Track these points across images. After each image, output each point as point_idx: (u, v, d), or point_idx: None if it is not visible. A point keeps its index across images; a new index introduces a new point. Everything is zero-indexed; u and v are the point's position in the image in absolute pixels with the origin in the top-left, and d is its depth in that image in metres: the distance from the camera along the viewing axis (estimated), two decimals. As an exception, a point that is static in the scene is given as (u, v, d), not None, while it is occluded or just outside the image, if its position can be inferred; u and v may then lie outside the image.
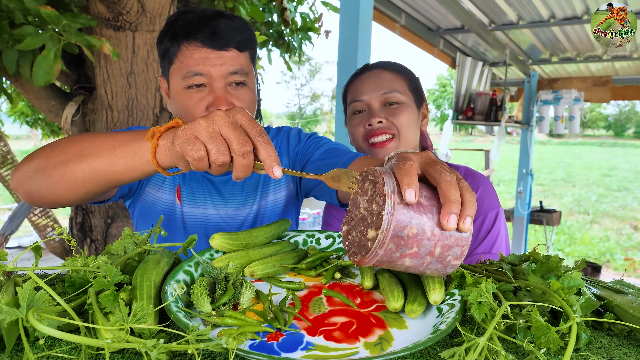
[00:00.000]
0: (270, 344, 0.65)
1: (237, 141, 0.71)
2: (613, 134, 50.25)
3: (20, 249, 6.65)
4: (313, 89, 44.65)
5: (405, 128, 1.38)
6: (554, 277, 0.72)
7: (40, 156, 0.92)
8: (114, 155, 0.83)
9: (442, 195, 0.63)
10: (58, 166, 0.88)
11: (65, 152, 0.88)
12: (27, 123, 5.26)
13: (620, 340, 0.69)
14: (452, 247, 0.64)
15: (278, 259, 0.90)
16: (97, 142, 0.86)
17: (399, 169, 0.65)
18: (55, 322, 0.59)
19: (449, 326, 0.64)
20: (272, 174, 0.71)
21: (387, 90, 1.39)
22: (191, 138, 0.72)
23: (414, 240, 0.63)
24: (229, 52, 1.15)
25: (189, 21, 1.14)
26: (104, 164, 0.84)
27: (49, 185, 0.91)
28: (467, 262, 1.28)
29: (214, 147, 0.71)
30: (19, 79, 2.23)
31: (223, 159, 0.72)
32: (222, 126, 0.71)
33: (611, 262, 8.17)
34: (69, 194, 0.91)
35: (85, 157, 0.85)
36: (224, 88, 1.15)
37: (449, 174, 0.64)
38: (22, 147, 19.34)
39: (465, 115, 5.66)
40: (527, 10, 4.48)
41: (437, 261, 0.66)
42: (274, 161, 0.71)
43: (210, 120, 0.72)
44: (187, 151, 0.71)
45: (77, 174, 0.86)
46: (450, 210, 0.62)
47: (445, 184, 0.63)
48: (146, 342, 0.52)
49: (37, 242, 0.73)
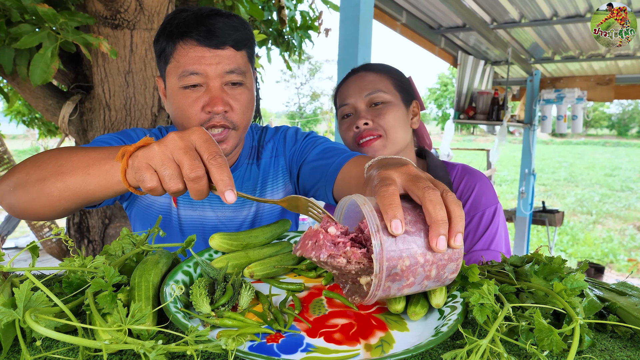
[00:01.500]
0: (270, 345, 0.65)
1: (187, 166, 0.70)
2: (616, 133, 50.05)
3: (17, 249, 6.63)
4: (313, 88, 44.53)
5: (391, 127, 1.39)
6: (556, 278, 0.72)
7: (20, 171, 0.93)
8: (87, 174, 0.84)
9: (427, 217, 0.62)
10: (36, 183, 0.89)
11: (43, 168, 0.89)
12: (24, 122, 5.24)
13: (623, 342, 0.68)
14: (446, 265, 0.65)
15: (278, 259, 0.89)
16: (73, 160, 0.87)
17: (380, 197, 0.63)
18: (53, 323, 0.59)
19: (450, 328, 0.63)
20: (224, 198, 0.70)
21: (370, 91, 1.42)
22: (143, 166, 0.72)
23: (409, 272, 0.63)
24: (225, 51, 1.13)
25: (185, 20, 1.13)
26: (78, 183, 0.85)
27: (28, 201, 0.92)
28: (466, 260, 1.28)
29: (166, 174, 0.71)
30: (15, 78, 2.22)
31: (176, 186, 0.72)
32: (174, 150, 0.71)
33: (614, 263, 8.13)
34: (48, 210, 0.92)
35: (60, 174, 0.86)
36: (220, 87, 1.13)
37: (433, 191, 0.63)
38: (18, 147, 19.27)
39: (466, 114, 5.64)
40: (530, 9, 4.46)
41: (434, 281, 0.66)
42: (227, 186, 0.70)
43: (163, 145, 0.71)
44: (140, 181, 0.72)
45: (54, 192, 0.87)
46: (438, 232, 0.61)
47: (430, 203, 0.62)
48: (144, 344, 0.52)
49: (34, 242, 0.73)
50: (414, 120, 1.49)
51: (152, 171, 0.72)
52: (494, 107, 5.54)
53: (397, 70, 1.50)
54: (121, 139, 1.22)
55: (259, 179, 1.33)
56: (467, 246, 1.35)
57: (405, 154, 1.44)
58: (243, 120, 1.18)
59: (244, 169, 1.32)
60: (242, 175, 1.32)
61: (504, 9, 4.49)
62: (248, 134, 1.36)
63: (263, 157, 1.35)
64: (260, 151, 1.36)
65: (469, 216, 1.37)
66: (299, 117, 41.29)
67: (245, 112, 1.18)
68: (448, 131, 6.38)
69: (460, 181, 1.42)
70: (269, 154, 1.36)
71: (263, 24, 3.47)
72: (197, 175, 0.70)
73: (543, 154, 28.91)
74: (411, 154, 1.48)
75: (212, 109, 1.12)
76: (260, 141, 1.38)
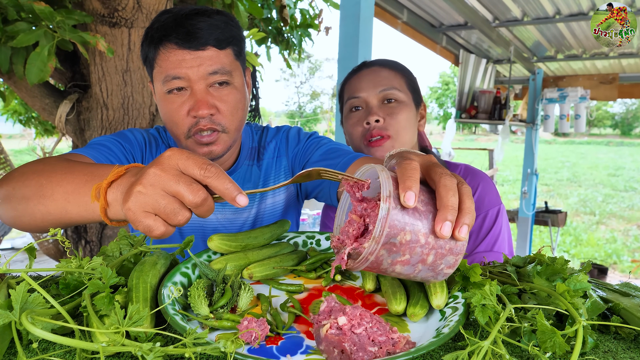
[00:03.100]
0: (270, 347, 0.64)
1: (187, 193, 0.65)
2: (620, 132, 49.67)
3: (13, 250, 6.61)
4: (313, 87, 44.30)
5: (402, 128, 1.37)
6: (559, 279, 0.71)
7: (7, 184, 0.90)
8: (67, 202, 0.80)
9: (439, 200, 0.61)
10: (21, 201, 0.86)
11: (27, 185, 0.86)
12: (20, 122, 5.21)
13: (627, 344, 0.68)
14: (445, 255, 0.63)
15: (277, 260, 0.89)
16: (53, 181, 0.83)
17: (402, 169, 0.63)
18: (49, 325, 0.58)
19: (452, 330, 0.63)
20: (237, 204, 0.66)
21: (385, 87, 1.38)
22: (141, 216, 0.66)
23: (407, 248, 0.62)
24: (207, 52, 1.09)
25: (164, 23, 1.10)
26: (58, 210, 0.81)
27: (14, 217, 0.90)
28: (469, 261, 1.27)
29: (169, 211, 0.66)
30: (11, 77, 2.21)
31: (184, 218, 0.67)
32: (165, 185, 0.65)
33: (618, 264, 8.09)
34: (34, 228, 0.90)
35: (41, 197, 0.83)
36: (205, 90, 1.11)
37: (450, 178, 0.63)
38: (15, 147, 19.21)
39: (468, 113, 5.63)
40: (532, 7, 4.44)
41: (428, 269, 0.65)
42: (234, 192, 0.66)
43: (149, 185, 0.65)
44: (147, 232, 0.67)
45: (36, 214, 0.85)
46: (445, 217, 0.60)
47: (444, 188, 0.61)
48: (142, 346, 0.51)
49: (31, 243, 0.72)
50: (421, 123, 1.48)
51: (153, 217, 0.66)
52: (496, 106, 5.53)
53: (409, 70, 1.48)
54: (118, 140, 1.21)
55: (260, 180, 1.32)
56: (470, 247, 1.34)
57: None
58: (233, 122, 1.15)
59: (244, 170, 1.31)
60: (243, 176, 1.31)
61: (506, 7, 4.47)
62: (248, 135, 1.35)
63: (265, 158, 1.33)
64: (261, 152, 1.34)
65: None
66: (299, 117, 41.16)
67: (235, 113, 1.15)
68: (450, 131, 6.36)
69: None
70: (271, 154, 1.34)
71: (262, 22, 3.45)
72: (202, 197, 0.66)
73: (546, 154, 28.78)
74: None
75: (197, 113, 1.09)
76: (261, 142, 1.36)
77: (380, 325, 0.62)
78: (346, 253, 0.66)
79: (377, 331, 0.61)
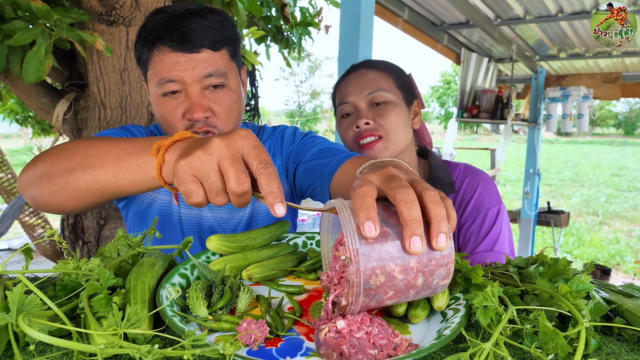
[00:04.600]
0: (269, 349, 0.64)
1: (233, 180, 0.65)
2: (623, 132, 49.13)
3: (10, 251, 6.59)
4: (313, 86, 44.00)
5: (393, 128, 1.37)
6: (562, 280, 0.71)
7: (45, 161, 0.90)
8: (118, 168, 0.80)
9: (400, 218, 0.58)
10: (62, 174, 0.85)
11: (69, 159, 0.85)
12: (17, 121, 5.20)
13: (630, 345, 0.67)
14: (434, 271, 0.61)
15: (277, 261, 0.88)
16: (102, 151, 0.83)
17: (352, 199, 0.59)
18: (46, 327, 0.58)
19: (453, 331, 0.62)
20: (273, 212, 0.65)
21: (372, 89, 1.39)
22: (189, 179, 0.67)
23: (386, 287, 0.59)
24: (202, 54, 1.08)
25: (158, 24, 1.08)
26: (108, 177, 0.81)
27: (52, 193, 0.88)
28: (469, 261, 1.27)
29: (212, 188, 0.67)
30: (8, 76, 2.20)
31: (222, 200, 0.68)
32: (220, 160, 0.66)
33: (621, 265, 8.06)
34: (72, 203, 0.89)
35: (89, 167, 0.82)
36: (200, 93, 1.10)
37: (404, 190, 0.58)
38: (11, 146, 19.19)
39: (470, 113, 5.60)
40: (534, 5, 4.43)
41: (423, 289, 0.62)
42: (276, 198, 0.65)
43: (209, 153, 0.66)
44: (186, 195, 0.68)
45: (81, 185, 0.84)
46: (412, 233, 0.57)
47: (400, 203, 0.58)
48: (140, 348, 0.51)
49: (28, 244, 0.72)
50: (415, 120, 1.47)
51: (198, 184, 0.67)
52: (498, 105, 5.49)
53: (399, 68, 1.48)
54: (124, 133, 1.21)
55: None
56: (470, 247, 1.34)
57: (406, 155, 1.42)
58: (228, 123, 1.15)
59: None
60: None
61: (508, 5, 4.46)
62: None
63: None
64: None
65: (471, 217, 1.35)
66: (299, 116, 41.01)
67: (230, 115, 1.15)
68: (451, 130, 6.34)
69: (462, 181, 1.41)
70: None
71: (262, 20, 3.44)
72: (243, 190, 0.66)
73: (548, 154, 28.61)
74: (412, 154, 1.47)
75: (192, 116, 1.09)
76: None
77: (381, 328, 0.61)
78: (330, 301, 0.65)
79: (378, 334, 0.60)
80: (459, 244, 1.38)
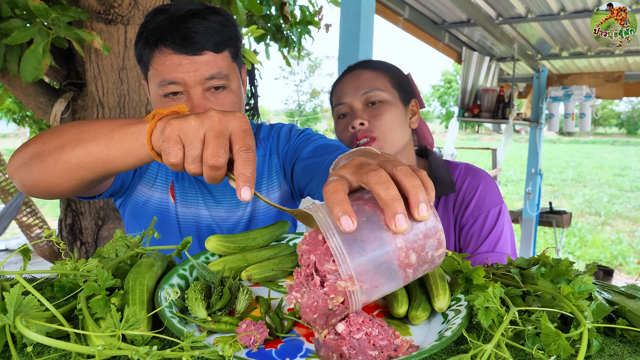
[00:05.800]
0: (269, 351, 0.63)
1: (211, 151, 0.67)
2: (625, 132, 48.59)
3: (7, 251, 6.56)
4: (313, 85, 43.82)
5: (388, 128, 1.36)
6: (564, 281, 0.71)
7: (37, 142, 0.90)
8: (110, 138, 0.80)
9: (378, 200, 0.57)
10: (53, 151, 0.86)
11: (62, 136, 0.86)
12: (15, 120, 5.19)
13: (633, 347, 0.67)
14: (424, 244, 0.58)
15: (276, 262, 0.88)
16: (96, 126, 0.84)
17: (324, 197, 0.59)
18: (44, 328, 0.58)
19: (454, 333, 0.62)
20: (239, 194, 0.65)
21: (367, 89, 1.38)
22: (173, 139, 0.69)
23: (380, 276, 0.58)
24: (204, 56, 1.08)
25: (160, 24, 1.08)
26: (100, 148, 0.81)
27: (42, 171, 0.88)
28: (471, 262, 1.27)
29: (190, 154, 0.68)
30: (6, 75, 2.19)
31: (195, 169, 0.69)
32: (208, 130, 0.68)
33: (624, 266, 7.99)
34: (63, 181, 0.88)
35: (81, 141, 0.83)
36: (202, 94, 1.10)
37: (375, 171, 0.57)
38: (9, 146, 19.14)
39: (471, 112, 5.56)
40: (536, 3, 4.41)
41: (420, 265, 0.60)
42: (246, 182, 0.65)
43: (199, 121, 0.68)
44: (165, 153, 0.69)
45: (72, 159, 0.84)
46: (394, 212, 0.55)
47: (375, 185, 0.56)
48: (139, 349, 0.50)
49: (26, 244, 0.71)
50: (412, 120, 1.46)
51: (180, 146, 0.69)
52: (500, 104, 5.45)
53: (396, 67, 1.48)
54: None
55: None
56: (472, 248, 1.33)
57: (403, 155, 1.42)
58: None
59: None
60: None
61: (509, 3, 4.44)
62: None
63: (256, 156, 1.32)
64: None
65: (472, 217, 1.35)
66: (298, 115, 40.91)
67: None
68: (452, 130, 6.32)
69: (463, 181, 1.40)
70: (262, 152, 1.33)
71: (261, 19, 3.43)
72: (216, 164, 0.67)
73: (550, 153, 28.32)
74: (410, 154, 1.46)
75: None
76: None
77: (382, 329, 0.61)
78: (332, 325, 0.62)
79: (378, 335, 0.60)
80: (460, 244, 1.37)
